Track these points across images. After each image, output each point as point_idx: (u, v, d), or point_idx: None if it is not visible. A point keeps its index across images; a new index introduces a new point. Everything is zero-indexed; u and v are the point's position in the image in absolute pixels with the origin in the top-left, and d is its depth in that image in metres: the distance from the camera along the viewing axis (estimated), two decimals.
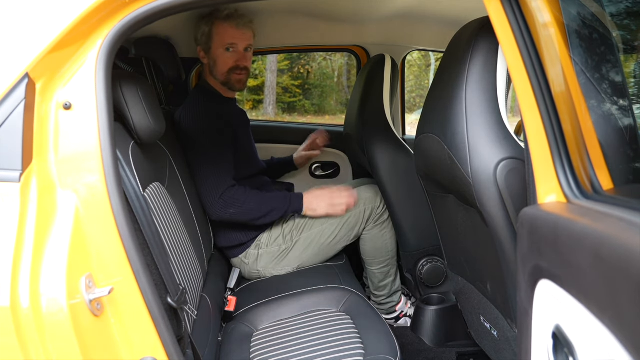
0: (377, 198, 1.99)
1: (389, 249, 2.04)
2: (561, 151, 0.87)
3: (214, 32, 1.87)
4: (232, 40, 1.88)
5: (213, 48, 1.90)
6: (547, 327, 0.76)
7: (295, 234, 1.92)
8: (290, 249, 1.91)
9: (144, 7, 0.97)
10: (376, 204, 1.98)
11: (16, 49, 0.92)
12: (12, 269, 0.81)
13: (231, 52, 1.89)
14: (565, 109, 0.87)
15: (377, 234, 2.00)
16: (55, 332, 0.82)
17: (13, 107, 0.89)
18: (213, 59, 1.91)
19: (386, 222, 2.02)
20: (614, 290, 0.56)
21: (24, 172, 0.87)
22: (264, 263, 1.92)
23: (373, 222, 1.98)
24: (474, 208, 1.19)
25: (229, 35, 1.87)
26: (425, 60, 6.16)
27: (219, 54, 1.89)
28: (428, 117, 1.36)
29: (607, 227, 0.61)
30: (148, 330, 0.97)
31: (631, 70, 1.05)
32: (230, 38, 1.88)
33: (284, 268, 1.93)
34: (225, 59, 1.89)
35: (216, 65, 1.91)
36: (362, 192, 2.01)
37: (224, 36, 1.87)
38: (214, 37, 1.88)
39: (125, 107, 1.20)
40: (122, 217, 0.95)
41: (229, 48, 1.89)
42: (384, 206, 1.98)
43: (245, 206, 1.78)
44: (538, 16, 0.90)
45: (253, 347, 1.44)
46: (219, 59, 1.90)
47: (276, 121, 7.74)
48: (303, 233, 1.92)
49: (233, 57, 1.89)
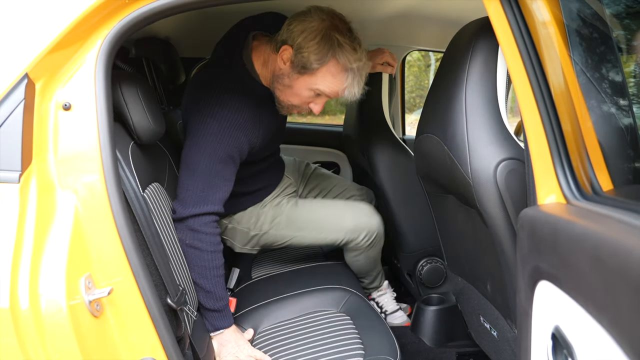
0: (360, 230, 1.75)
1: (366, 270, 1.92)
2: (561, 152, 0.87)
3: (324, 67, 1.36)
4: (332, 93, 1.41)
5: (302, 78, 1.39)
6: (547, 328, 0.76)
7: (266, 226, 1.77)
8: (259, 237, 1.78)
9: (144, 7, 0.97)
10: (358, 237, 1.76)
11: (16, 49, 0.92)
12: (12, 270, 0.81)
13: (313, 97, 1.44)
14: (565, 110, 0.87)
15: (350, 260, 1.87)
16: (54, 333, 0.82)
17: (12, 107, 0.89)
18: (290, 80, 1.41)
19: (365, 249, 1.81)
20: (613, 293, 0.56)
21: (23, 172, 0.87)
22: (229, 236, 1.80)
23: (349, 249, 1.82)
24: (473, 208, 1.19)
25: (332, 86, 1.39)
26: (425, 60, 6.16)
27: (301, 86, 1.40)
28: (428, 117, 1.36)
29: (606, 230, 0.61)
30: (147, 331, 0.97)
31: (631, 70, 1.05)
32: (332, 91, 1.41)
33: (252, 248, 1.82)
34: (301, 95, 1.42)
35: (288, 87, 1.43)
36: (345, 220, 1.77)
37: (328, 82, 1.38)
38: (320, 70, 1.36)
39: (125, 108, 1.20)
40: (121, 218, 0.95)
41: (319, 94, 1.43)
42: (369, 239, 1.77)
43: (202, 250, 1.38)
44: (538, 16, 0.90)
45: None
46: (296, 88, 1.41)
47: None
48: (272, 230, 1.77)
49: (309, 101, 1.45)
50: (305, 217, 1.78)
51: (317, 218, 1.78)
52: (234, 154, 1.42)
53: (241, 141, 1.43)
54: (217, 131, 1.38)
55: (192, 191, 1.38)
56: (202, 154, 1.38)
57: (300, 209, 1.80)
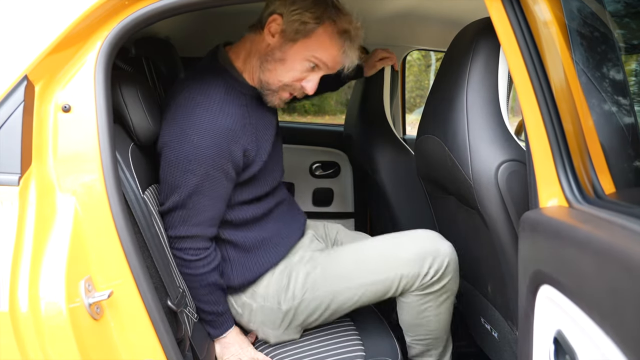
0: (424, 258, 1.30)
1: (431, 327, 1.39)
2: (563, 154, 0.86)
3: (320, 28, 1.22)
4: (329, 61, 1.26)
5: (296, 46, 1.24)
6: (549, 332, 0.75)
7: (299, 291, 1.35)
8: (295, 310, 1.36)
9: (144, 9, 0.96)
10: (422, 267, 1.30)
11: (15, 50, 0.91)
12: (11, 273, 0.81)
13: (308, 70, 1.27)
14: (567, 111, 0.87)
15: (416, 306, 1.36)
16: (54, 337, 0.82)
17: (12, 109, 0.88)
18: (283, 52, 1.25)
19: (439, 293, 1.34)
20: (617, 300, 0.56)
21: (22, 175, 0.87)
22: (259, 320, 1.40)
23: (416, 291, 1.33)
24: (474, 210, 1.19)
25: (330, 50, 1.25)
26: (425, 60, 6.15)
27: (296, 56, 1.25)
28: (429, 118, 1.36)
29: (610, 236, 0.61)
30: (148, 334, 0.97)
31: (632, 70, 1.05)
32: (330, 56, 1.25)
33: (284, 333, 1.39)
34: (295, 69, 1.26)
35: (280, 62, 1.26)
36: (403, 249, 1.33)
37: (326, 45, 1.24)
38: (316, 32, 1.23)
39: (125, 108, 1.20)
40: (121, 220, 0.95)
41: (315, 65, 1.27)
42: (437, 268, 1.30)
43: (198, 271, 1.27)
44: (539, 17, 0.90)
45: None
46: (290, 60, 1.25)
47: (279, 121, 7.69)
48: (307, 293, 1.34)
49: (303, 77, 1.27)
50: (348, 262, 1.36)
51: (365, 258, 1.36)
52: (224, 165, 1.21)
53: (231, 149, 1.22)
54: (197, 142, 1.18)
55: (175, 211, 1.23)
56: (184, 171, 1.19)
57: (340, 254, 1.40)
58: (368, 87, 2.06)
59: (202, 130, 1.18)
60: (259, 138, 1.31)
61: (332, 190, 2.72)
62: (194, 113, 1.20)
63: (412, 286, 1.31)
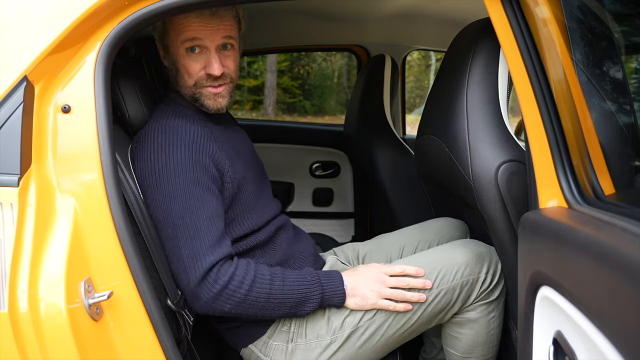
0: (481, 261, 1.20)
1: (494, 342, 1.26)
2: (562, 155, 0.86)
3: (171, 24, 1.20)
4: (195, 34, 1.17)
5: (171, 46, 1.22)
6: (548, 332, 0.75)
7: (338, 321, 1.19)
8: (339, 345, 1.18)
9: (144, 8, 0.96)
10: (480, 272, 1.20)
11: (14, 51, 0.91)
12: (11, 274, 0.81)
13: (197, 54, 1.19)
14: (567, 111, 0.87)
15: (482, 322, 1.22)
16: (54, 337, 0.82)
17: (11, 110, 0.88)
18: (174, 61, 1.23)
19: (497, 300, 1.23)
20: (616, 302, 0.56)
21: (22, 176, 0.87)
22: None
23: (477, 302, 1.21)
24: (474, 210, 1.19)
25: (189, 28, 1.17)
26: (425, 60, 6.16)
27: (180, 56, 1.20)
28: (429, 118, 1.36)
29: (610, 238, 0.61)
30: (147, 334, 0.97)
31: (632, 71, 1.05)
32: (193, 31, 1.17)
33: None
34: (188, 65, 1.20)
35: (178, 73, 1.23)
36: (455, 252, 1.23)
37: (182, 28, 1.18)
38: (169, 29, 1.21)
39: (121, 99, 1.19)
40: (121, 221, 0.95)
41: (194, 48, 1.19)
42: (493, 274, 1.21)
43: (248, 295, 1.10)
44: (539, 17, 0.90)
45: None
46: (180, 63, 1.21)
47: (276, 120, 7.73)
48: (349, 318, 1.19)
49: (200, 62, 1.20)
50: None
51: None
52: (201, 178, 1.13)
53: (201, 159, 1.14)
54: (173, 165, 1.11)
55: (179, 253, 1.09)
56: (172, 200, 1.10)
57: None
58: (368, 87, 2.06)
59: (167, 151, 1.12)
60: (228, 152, 1.22)
61: (332, 190, 2.72)
62: (156, 142, 1.14)
63: (470, 295, 1.20)
